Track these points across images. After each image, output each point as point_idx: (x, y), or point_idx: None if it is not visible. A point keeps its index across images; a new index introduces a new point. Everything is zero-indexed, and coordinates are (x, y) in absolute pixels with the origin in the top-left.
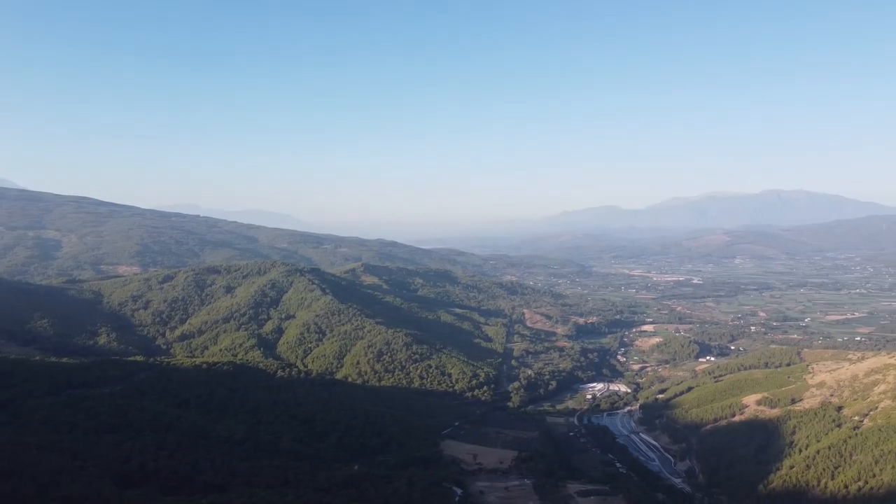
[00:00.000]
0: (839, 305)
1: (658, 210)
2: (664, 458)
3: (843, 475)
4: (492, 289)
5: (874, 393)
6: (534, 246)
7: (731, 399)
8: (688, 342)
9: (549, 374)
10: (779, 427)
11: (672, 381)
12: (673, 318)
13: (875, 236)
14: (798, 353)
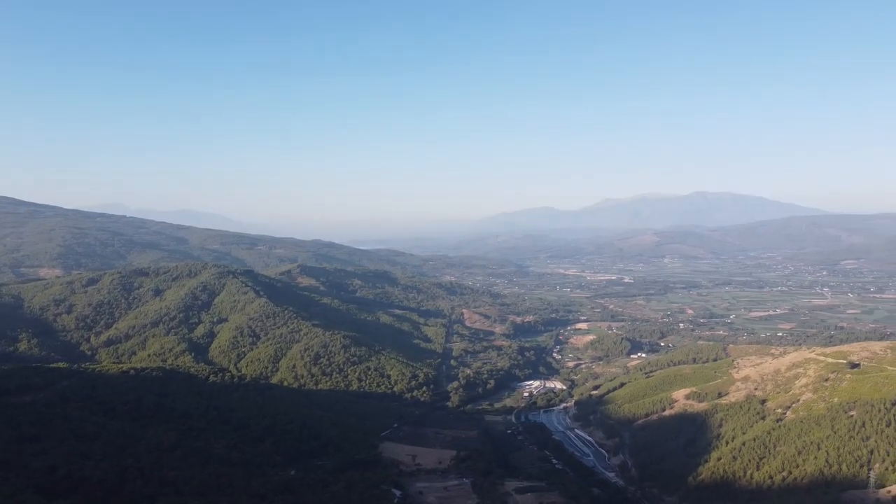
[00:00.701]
0: (762, 302)
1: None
2: (598, 452)
3: (768, 466)
4: (431, 289)
5: (796, 386)
6: (473, 246)
7: (662, 394)
8: (620, 339)
9: (487, 373)
10: (707, 420)
11: (605, 377)
12: (606, 316)
13: (795, 236)
14: (724, 349)
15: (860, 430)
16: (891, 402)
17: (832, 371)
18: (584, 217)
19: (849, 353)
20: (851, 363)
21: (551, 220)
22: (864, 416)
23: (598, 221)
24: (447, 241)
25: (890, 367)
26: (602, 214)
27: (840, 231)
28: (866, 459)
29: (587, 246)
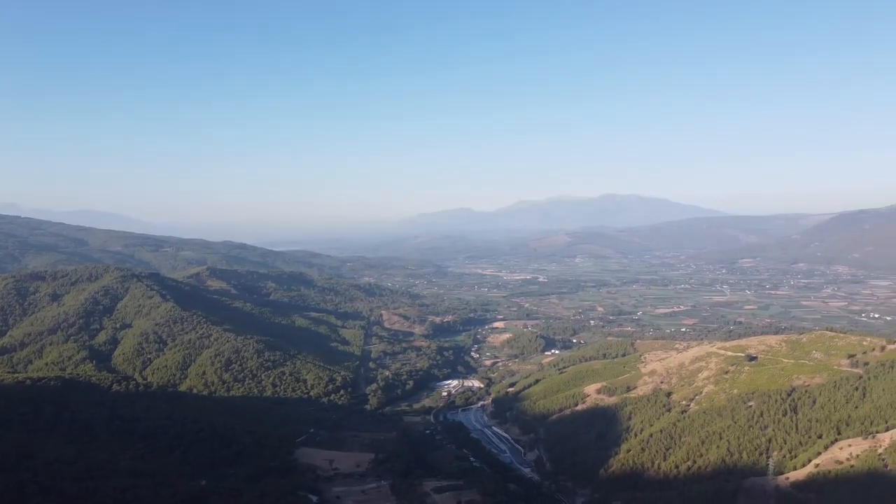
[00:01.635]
0: (667, 300)
1: (508, 213)
2: (515, 448)
3: (674, 456)
4: (349, 291)
5: (699, 379)
6: (392, 247)
7: (574, 389)
8: (535, 337)
9: (406, 374)
10: (617, 414)
11: (521, 374)
12: (522, 315)
13: (697, 236)
14: (632, 344)
15: (759, 419)
16: (786, 393)
17: (732, 364)
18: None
19: (747, 346)
20: (749, 356)
21: (469, 221)
22: (761, 407)
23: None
24: (366, 243)
25: (785, 359)
26: (517, 215)
27: (738, 231)
28: (765, 447)
29: (504, 246)
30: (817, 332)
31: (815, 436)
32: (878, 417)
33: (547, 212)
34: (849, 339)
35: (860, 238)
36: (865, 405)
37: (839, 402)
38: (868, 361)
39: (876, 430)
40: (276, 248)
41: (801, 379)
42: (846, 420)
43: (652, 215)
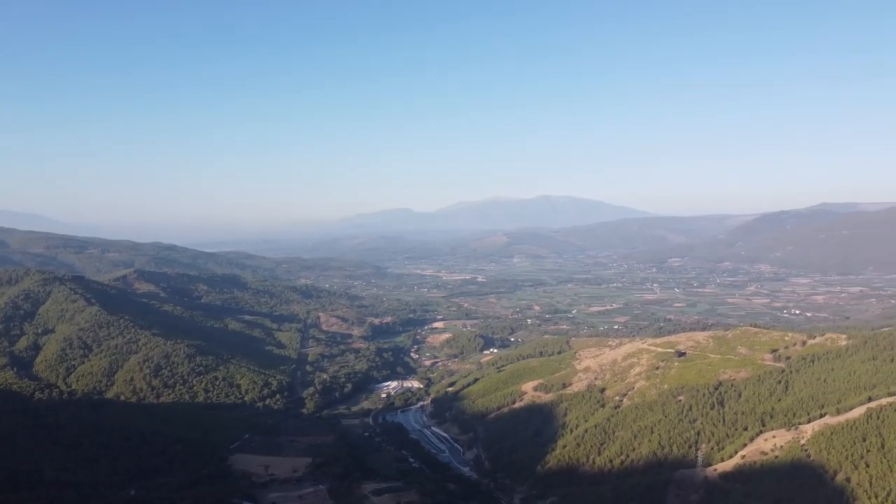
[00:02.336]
0: (600, 298)
1: (447, 213)
2: (454, 448)
3: (609, 450)
4: (285, 293)
5: (631, 375)
6: (329, 248)
7: (512, 387)
8: (474, 336)
9: (344, 376)
10: (553, 410)
11: (460, 373)
12: (461, 315)
13: (628, 236)
14: (567, 342)
15: (688, 413)
16: (713, 387)
17: (662, 360)
18: (440, 218)
19: (676, 343)
20: (679, 352)
21: (409, 222)
22: (690, 401)
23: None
24: (302, 243)
25: (712, 354)
26: (456, 216)
27: (667, 232)
28: (694, 440)
29: (443, 247)
30: (742, 329)
31: (741, 428)
32: (800, 410)
33: (485, 212)
34: (772, 334)
35: (782, 238)
36: (788, 398)
37: (763, 396)
38: (790, 356)
39: (798, 422)
40: (208, 249)
41: (727, 373)
42: (770, 412)
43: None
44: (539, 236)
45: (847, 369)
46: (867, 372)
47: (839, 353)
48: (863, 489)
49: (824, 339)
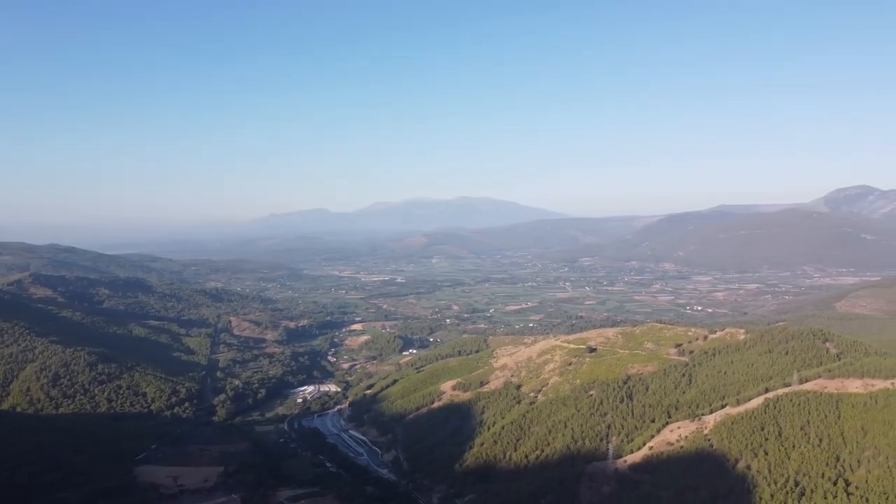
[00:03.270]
0: (516, 297)
1: (366, 213)
2: (372, 451)
3: (524, 446)
4: (194, 297)
5: (545, 371)
6: (241, 250)
7: (431, 387)
8: (393, 337)
9: (258, 382)
10: (471, 409)
11: (379, 375)
12: (380, 316)
13: (543, 237)
14: (485, 341)
15: (599, 407)
16: (623, 381)
17: (575, 356)
18: (359, 219)
19: (588, 339)
20: (590, 348)
21: (326, 222)
22: (601, 395)
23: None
24: (212, 245)
25: (621, 350)
26: (375, 216)
27: (578, 232)
28: (605, 433)
29: (362, 247)
30: (649, 325)
31: (648, 420)
32: (702, 401)
33: (405, 213)
34: (676, 330)
35: (685, 237)
36: (692, 390)
37: (669, 388)
38: (693, 350)
39: (702, 413)
40: (110, 251)
41: (635, 368)
42: (676, 404)
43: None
44: (458, 237)
45: (745, 362)
46: (764, 364)
47: (738, 347)
48: (762, 476)
49: (724, 333)
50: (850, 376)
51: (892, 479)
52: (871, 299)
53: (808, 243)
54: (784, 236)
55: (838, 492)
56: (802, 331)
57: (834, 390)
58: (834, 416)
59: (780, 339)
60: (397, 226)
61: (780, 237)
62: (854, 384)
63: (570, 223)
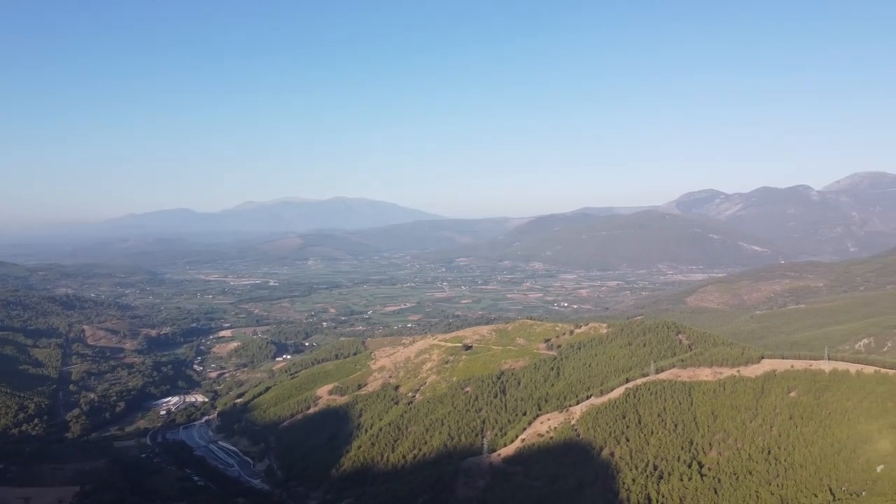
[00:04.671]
0: (394, 298)
1: (234, 214)
2: (244, 461)
3: (402, 446)
4: (42, 304)
5: (423, 370)
6: (95, 253)
7: (307, 393)
8: (265, 343)
9: (116, 394)
10: (348, 412)
11: (251, 383)
12: (251, 321)
13: (421, 238)
14: (363, 343)
15: (474, 403)
16: (496, 377)
17: (451, 354)
18: (226, 220)
19: (464, 337)
20: (466, 346)
21: (190, 223)
22: (477, 391)
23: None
24: (61, 248)
25: (495, 346)
26: (244, 217)
27: (454, 233)
28: (480, 428)
29: (230, 250)
30: (520, 321)
31: (520, 413)
32: (569, 393)
33: (277, 213)
34: (545, 325)
35: (552, 238)
36: (560, 383)
37: (539, 382)
38: (561, 344)
39: (569, 405)
40: None
41: (508, 363)
42: (545, 397)
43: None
44: (334, 238)
45: (608, 354)
46: (624, 356)
47: (601, 341)
48: (624, 462)
49: (588, 328)
50: (700, 365)
51: (740, 459)
52: (717, 294)
53: (662, 243)
54: (640, 236)
55: (693, 473)
56: (658, 324)
57: (687, 379)
58: (687, 403)
59: (638, 332)
60: (269, 227)
61: (637, 237)
62: (704, 372)
63: (447, 224)
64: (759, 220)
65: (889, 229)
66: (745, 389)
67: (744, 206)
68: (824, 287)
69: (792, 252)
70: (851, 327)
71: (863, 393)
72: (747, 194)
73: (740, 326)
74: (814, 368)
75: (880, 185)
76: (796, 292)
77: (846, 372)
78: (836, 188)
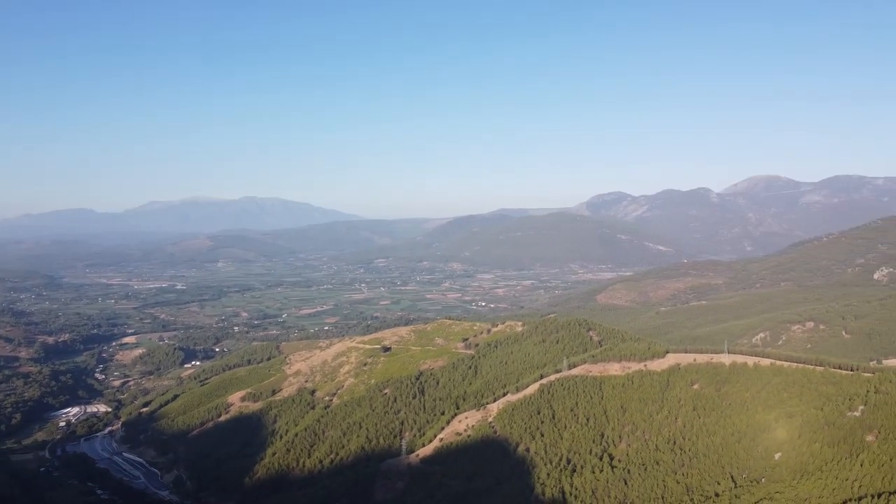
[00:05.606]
0: (310, 300)
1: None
2: (150, 473)
3: (318, 451)
4: None
5: (341, 373)
6: None
7: (218, 400)
8: (173, 349)
9: (11, 406)
10: (262, 419)
11: (157, 391)
12: (157, 327)
13: (337, 239)
14: (277, 347)
15: (393, 404)
16: (415, 377)
17: (370, 356)
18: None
19: (382, 339)
20: (385, 347)
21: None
22: (395, 393)
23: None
24: None
25: (413, 347)
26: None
27: (372, 234)
28: (399, 430)
29: (134, 252)
30: (439, 321)
31: (439, 413)
32: (486, 391)
33: (184, 213)
34: (463, 325)
35: (470, 239)
36: (478, 381)
37: (457, 381)
38: (478, 343)
39: (486, 402)
40: None
41: (427, 363)
42: (463, 395)
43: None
44: (246, 239)
45: (523, 351)
46: (539, 353)
47: (517, 338)
48: (539, 456)
49: (505, 326)
50: (610, 360)
51: (648, 450)
52: (625, 291)
53: (574, 243)
54: (553, 237)
55: (604, 466)
56: (570, 321)
57: (597, 374)
58: (598, 397)
59: (552, 329)
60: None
61: (550, 238)
62: (614, 367)
63: (365, 225)
64: (664, 221)
65: (782, 230)
66: (652, 383)
67: (649, 207)
68: (724, 284)
69: (694, 251)
70: (749, 322)
71: (760, 384)
72: (652, 196)
73: (647, 322)
74: (715, 362)
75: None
76: (698, 290)
77: (745, 365)
78: (734, 191)
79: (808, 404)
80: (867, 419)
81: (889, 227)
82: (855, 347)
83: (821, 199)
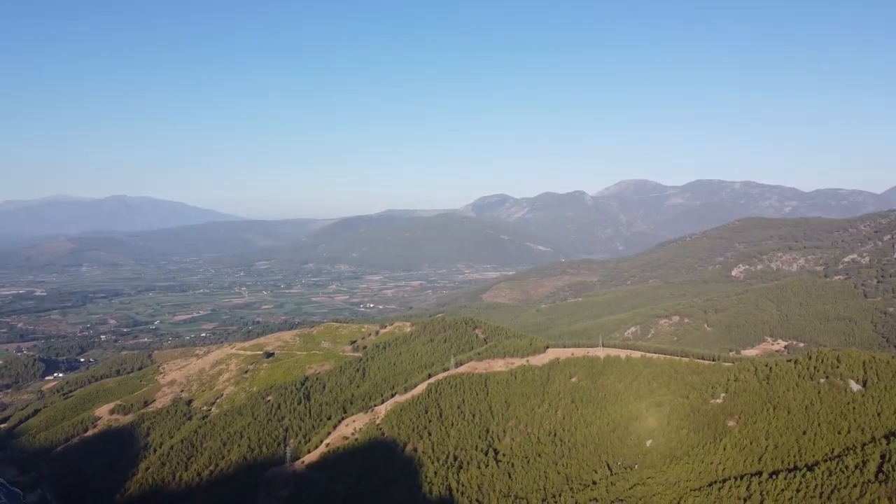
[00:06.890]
0: (186, 306)
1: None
2: (11, 493)
3: (197, 463)
4: None
5: (220, 382)
6: None
7: (84, 413)
8: (32, 361)
9: None
10: (133, 432)
11: (16, 406)
12: (14, 337)
13: (216, 240)
14: (149, 356)
15: (276, 412)
16: (300, 383)
17: (251, 363)
18: None
19: (265, 344)
20: (267, 353)
21: None
22: (279, 399)
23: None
24: None
25: (298, 352)
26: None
27: (254, 235)
28: (283, 437)
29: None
30: (325, 324)
31: (325, 418)
32: (375, 393)
33: (43, 214)
34: (351, 327)
35: (357, 240)
36: (365, 383)
37: (345, 384)
38: (366, 345)
39: (374, 404)
40: None
41: (312, 368)
42: (351, 399)
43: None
44: (114, 241)
45: (412, 352)
46: (427, 353)
47: (406, 339)
48: (427, 455)
49: (394, 327)
50: (495, 357)
51: (530, 443)
52: (509, 290)
53: (460, 243)
54: (441, 238)
55: (489, 460)
56: (457, 320)
57: (483, 370)
58: (483, 394)
59: (439, 328)
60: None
61: (437, 239)
62: (498, 364)
63: (244, 226)
64: (543, 222)
65: (650, 230)
66: (534, 377)
67: (530, 209)
68: (598, 282)
69: (571, 251)
70: (621, 317)
71: (632, 375)
72: (533, 199)
73: (529, 319)
74: (591, 355)
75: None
76: (575, 287)
77: (618, 357)
78: (607, 194)
79: (675, 393)
80: (728, 406)
81: (745, 228)
82: (716, 339)
83: (684, 202)
